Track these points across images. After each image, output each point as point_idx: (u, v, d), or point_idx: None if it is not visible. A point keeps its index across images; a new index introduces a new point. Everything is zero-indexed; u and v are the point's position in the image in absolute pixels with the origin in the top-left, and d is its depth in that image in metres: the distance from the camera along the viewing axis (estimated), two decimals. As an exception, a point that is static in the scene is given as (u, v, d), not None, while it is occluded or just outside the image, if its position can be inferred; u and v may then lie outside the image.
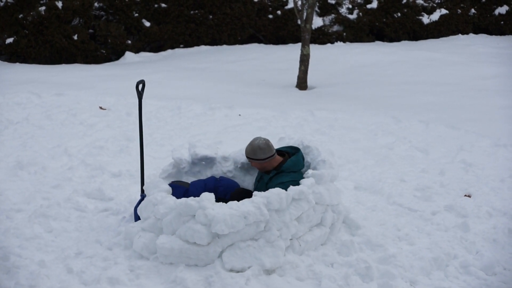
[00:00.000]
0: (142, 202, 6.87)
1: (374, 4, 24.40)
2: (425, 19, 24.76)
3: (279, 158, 7.08)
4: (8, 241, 6.72)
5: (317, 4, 23.34)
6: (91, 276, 6.10)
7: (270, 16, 23.58)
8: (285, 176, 6.91)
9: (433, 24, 24.81)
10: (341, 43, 23.68)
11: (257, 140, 7.00)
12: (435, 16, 24.87)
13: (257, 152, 6.93)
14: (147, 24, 22.35)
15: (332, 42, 23.61)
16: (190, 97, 14.32)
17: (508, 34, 25.58)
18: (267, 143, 6.96)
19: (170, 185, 7.07)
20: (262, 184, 7.06)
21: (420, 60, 19.56)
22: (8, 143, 10.48)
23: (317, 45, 22.30)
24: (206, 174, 7.55)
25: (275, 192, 6.33)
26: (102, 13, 22.15)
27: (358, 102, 14.60)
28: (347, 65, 19.33)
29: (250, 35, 23.68)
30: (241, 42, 23.52)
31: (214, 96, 14.85)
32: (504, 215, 7.83)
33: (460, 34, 25.08)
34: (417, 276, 6.30)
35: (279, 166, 7.01)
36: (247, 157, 7.04)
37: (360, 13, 24.13)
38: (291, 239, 6.50)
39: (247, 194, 7.00)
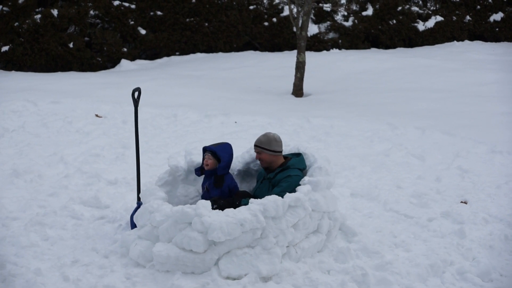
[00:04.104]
0: (139, 210, 6.87)
1: (369, 11, 24.48)
2: (421, 26, 24.84)
3: (283, 158, 7.21)
4: (4, 249, 6.71)
5: (313, 11, 23.38)
6: (88, 284, 6.08)
7: (266, 24, 23.62)
8: (292, 171, 7.01)
9: (428, 31, 24.88)
10: (337, 50, 23.73)
11: (272, 133, 7.18)
12: (431, 23, 24.95)
13: (273, 143, 7.07)
14: (143, 31, 22.38)
15: (327, 49, 23.66)
16: (186, 105, 14.33)
17: (503, 41, 25.68)
18: (280, 138, 7.16)
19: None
20: (265, 184, 7.09)
21: (416, 67, 19.60)
22: (4, 151, 10.47)
23: (312, 52, 22.33)
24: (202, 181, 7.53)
25: (272, 199, 6.34)
26: (98, 21, 22.17)
27: (354, 109, 14.61)
28: (342, 72, 19.36)
29: (246, 42, 23.72)
30: (237, 49, 23.57)
31: (210, 103, 14.86)
32: (501, 222, 7.84)
33: (455, 41, 25.15)
34: (414, 283, 6.30)
35: (284, 163, 7.13)
36: (259, 146, 7.10)
37: (356, 20, 24.19)
38: (287, 246, 6.50)
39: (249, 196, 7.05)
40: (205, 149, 7.18)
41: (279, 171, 7.07)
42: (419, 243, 7.22)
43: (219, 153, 7.07)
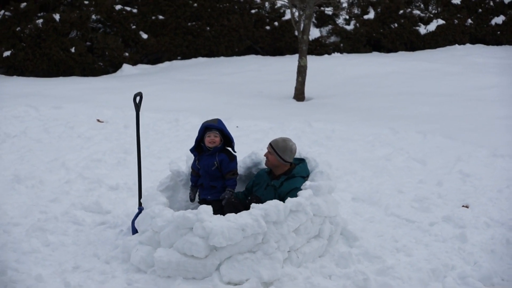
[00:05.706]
0: (140, 215, 6.87)
1: (371, 15, 24.46)
2: (422, 30, 24.80)
3: (288, 165, 7.24)
4: (5, 255, 6.71)
5: (314, 15, 23.39)
6: (89, 290, 6.09)
7: (268, 28, 23.62)
8: (298, 181, 7.05)
9: (430, 34, 24.84)
10: (339, 54, 23.69)
11: (291, 142, 7.22)
12: (432, 26, 24.91)
13: (287, 153, 7.14)
14: (145, 36, 22.39)
15: (329, 53, 23.63)
16: (188, 109, 14.33)
17: (505, 44, 25.61)
18: (296, 150, 7.24)
19: None
20: (270, 191, 7.10)
21: (417, 71, 19.58)
22: (6, 157, 10.48)
23: (314, 56, 22.29)
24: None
25: (273, 204, 6.35)
26: (100, 25, 22.19)
27: (355, 113, 14.60)
28: (344, 76, 19.33)
29: (248, 46, 23.72)
30: (239, 53, 23.55)
31: (211, 108, 14.85)
32: (502, 226, 7.83)
33: (457, 45, 25.10)
34: (415, 288, 6.30)
35: (289, 171, 7.18)
36: (273, 147, 7.15)
37: (357, 24, 24.18)
38: (289, 251, 6.50)
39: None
40: (210, 128, 7.25)
41: (284, 179, 7.10)
42: (421, 248, 7.22)
43: (226, 130, 7.31)
